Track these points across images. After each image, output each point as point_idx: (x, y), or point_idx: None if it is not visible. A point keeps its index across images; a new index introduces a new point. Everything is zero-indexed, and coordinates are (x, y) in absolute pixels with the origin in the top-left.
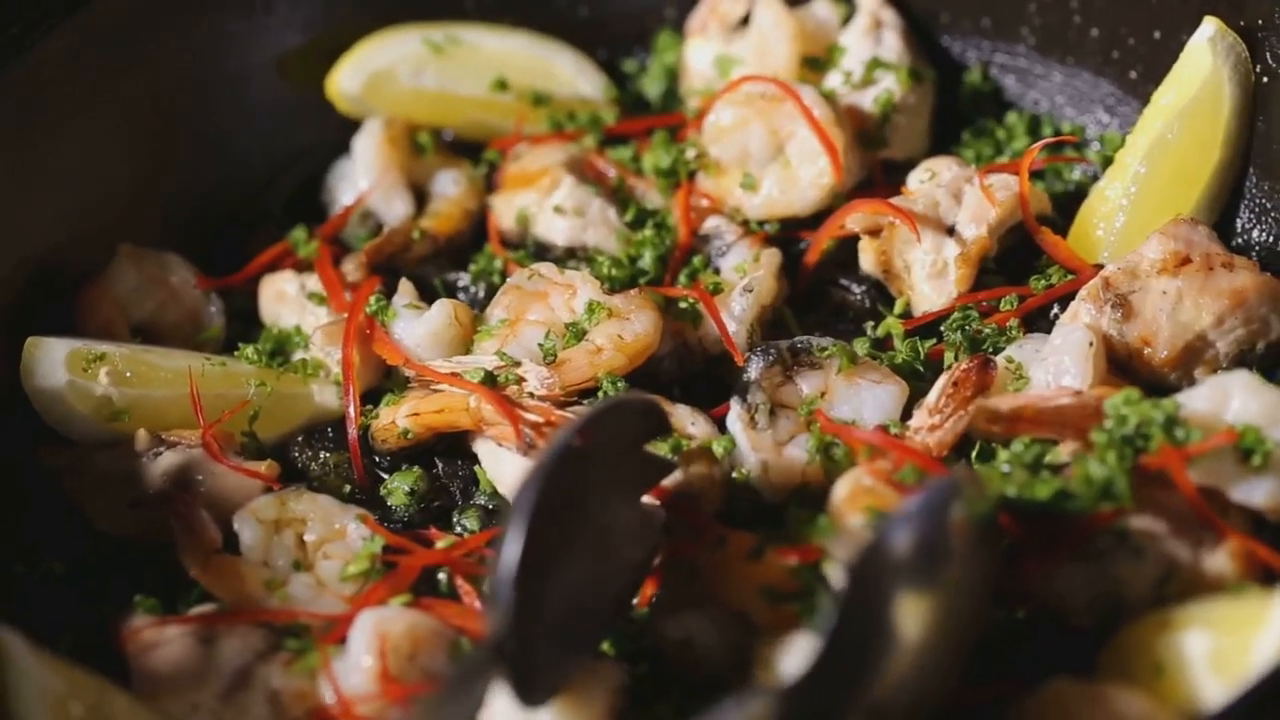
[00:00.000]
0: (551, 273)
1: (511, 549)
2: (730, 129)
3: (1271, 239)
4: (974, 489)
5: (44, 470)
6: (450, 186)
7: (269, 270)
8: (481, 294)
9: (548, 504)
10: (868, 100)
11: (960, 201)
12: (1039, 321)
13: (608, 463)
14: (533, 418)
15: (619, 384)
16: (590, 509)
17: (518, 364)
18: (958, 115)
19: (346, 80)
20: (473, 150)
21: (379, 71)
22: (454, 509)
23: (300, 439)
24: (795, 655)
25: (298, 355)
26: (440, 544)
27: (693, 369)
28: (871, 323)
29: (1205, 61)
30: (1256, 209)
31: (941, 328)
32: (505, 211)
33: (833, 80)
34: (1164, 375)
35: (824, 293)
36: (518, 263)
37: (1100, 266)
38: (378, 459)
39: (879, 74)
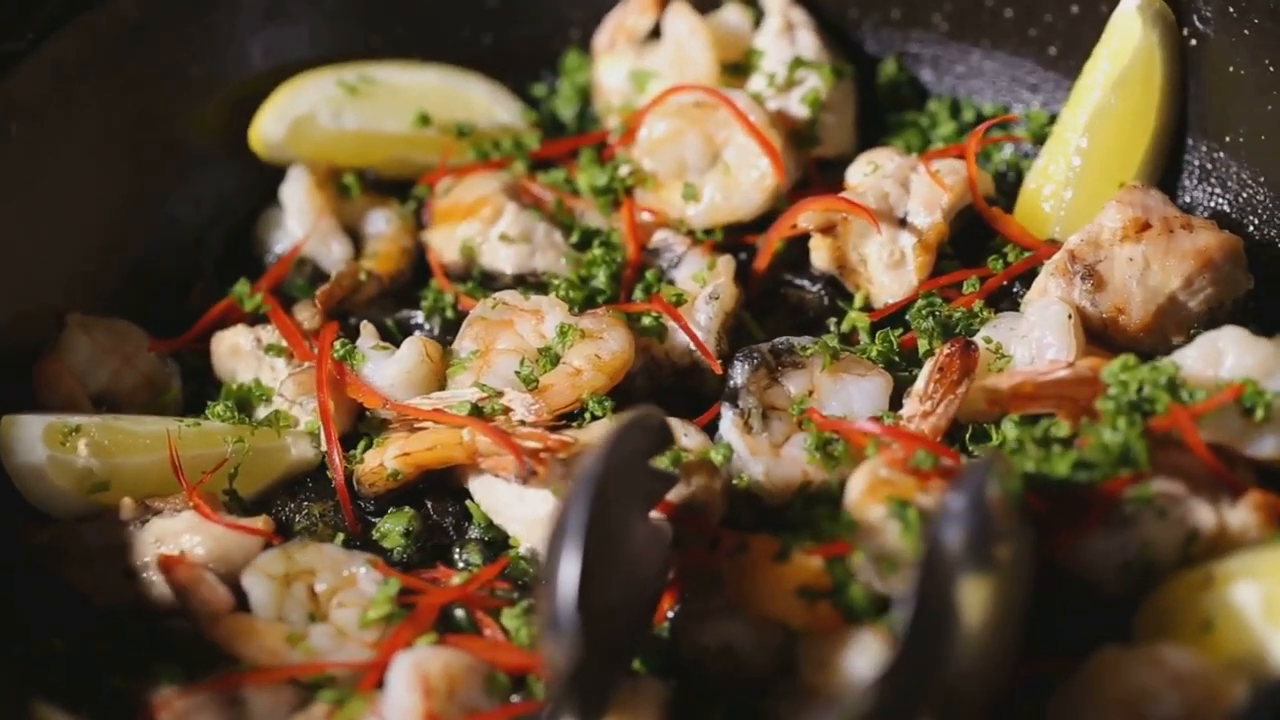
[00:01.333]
0: (516, 300)
1: (569, 573)
2: (665, 141)
3: (1215, 201)
4: (1004, 467)
5: (27, 549)
6: (383, 226)
7: (217, 327)
8: (437, 330)
9: (592, 524)
10: (794, 101)
11: (909, 190)
12: (1001, 301)
13: (624, 480)
14: (531, 444)
15: (605, 403)
16: (614, 528)
17: (500, 394)
18: (878, 108)
19: (269, 128)
20: (396, 188)
21: (300, 117)
22: (453, 545)
23: (281, 493)
24: (860, 650)
25: (261, 409)
26: (455, 579)
27: (663, 383)
28: (833, 319)
29: (1135, 29)
30: (1198, 172)
31: (907, 316)
32: (447, 245)
33: (757, 84)
34: (1139, 341)
35: (779, 295)
36: (469, 295)
37: (1054, 242)
38: (362, 504)
39: (802, 73)
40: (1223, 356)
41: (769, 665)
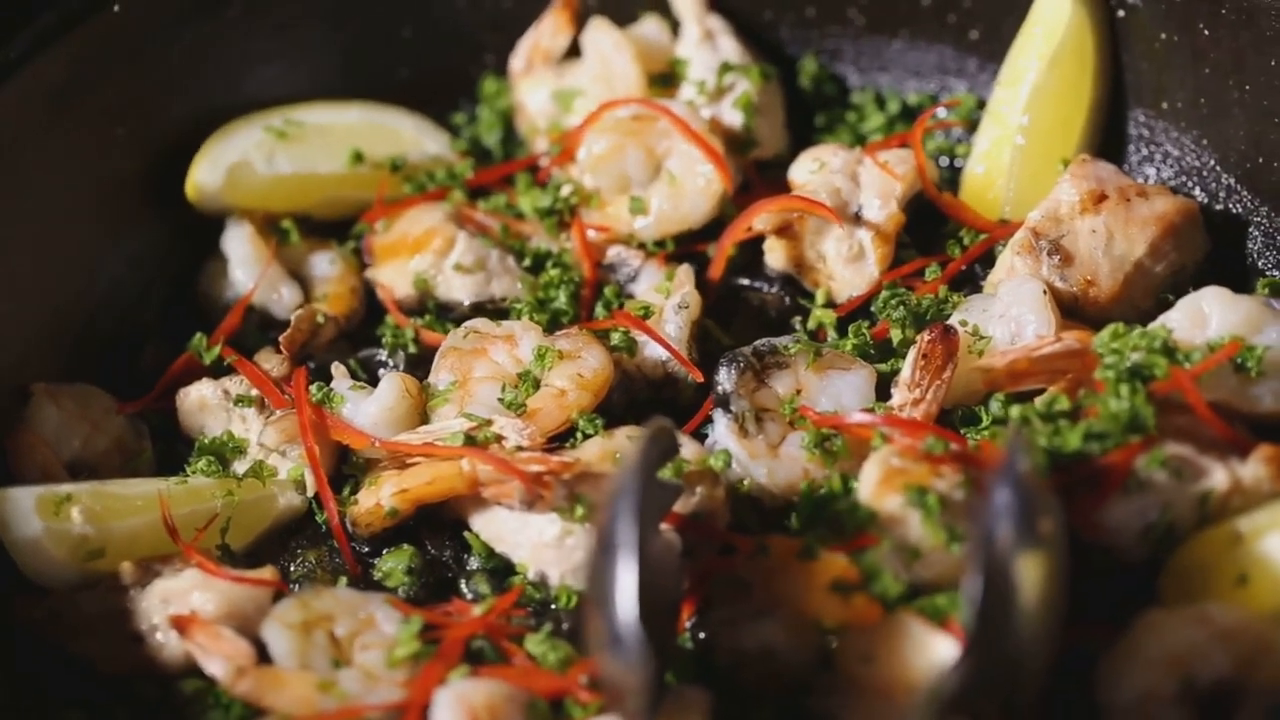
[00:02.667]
0: (488, 327)
1: (627, 588)
2: (606, 157)
3: (1159, 170)
4: (1028, 441)
5: (25, 624)
6: (328, 268)
7: (178, 384)
8: (402, 365)
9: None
10: (727, 106)
11: (859, 183)
12: (964, 286)
13: (647, 493)
14: (534, 468)
15: (596, 421)
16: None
17: (489, 422)
18: (803, 107)
19: (205, 178)
20: (330, 230)
21: (235, 164)
22: (458, 578)
23: (271, 543)
24: (907, 638)
25: (237, 461)
26: (476, 610)
27: (638, 397)
28: (798, 318)
29: (1064, 6)
30: (1140, 143)
31: (872, 309)
32: (398, 280)
33: (687, 93)
34: (1109, 312)
35: (739, 299)
36: (428, 328)
37: (1006, 222)
38: (355, 545)
39: (731, 78)
40: (1207, 317)
41: (808, 664)
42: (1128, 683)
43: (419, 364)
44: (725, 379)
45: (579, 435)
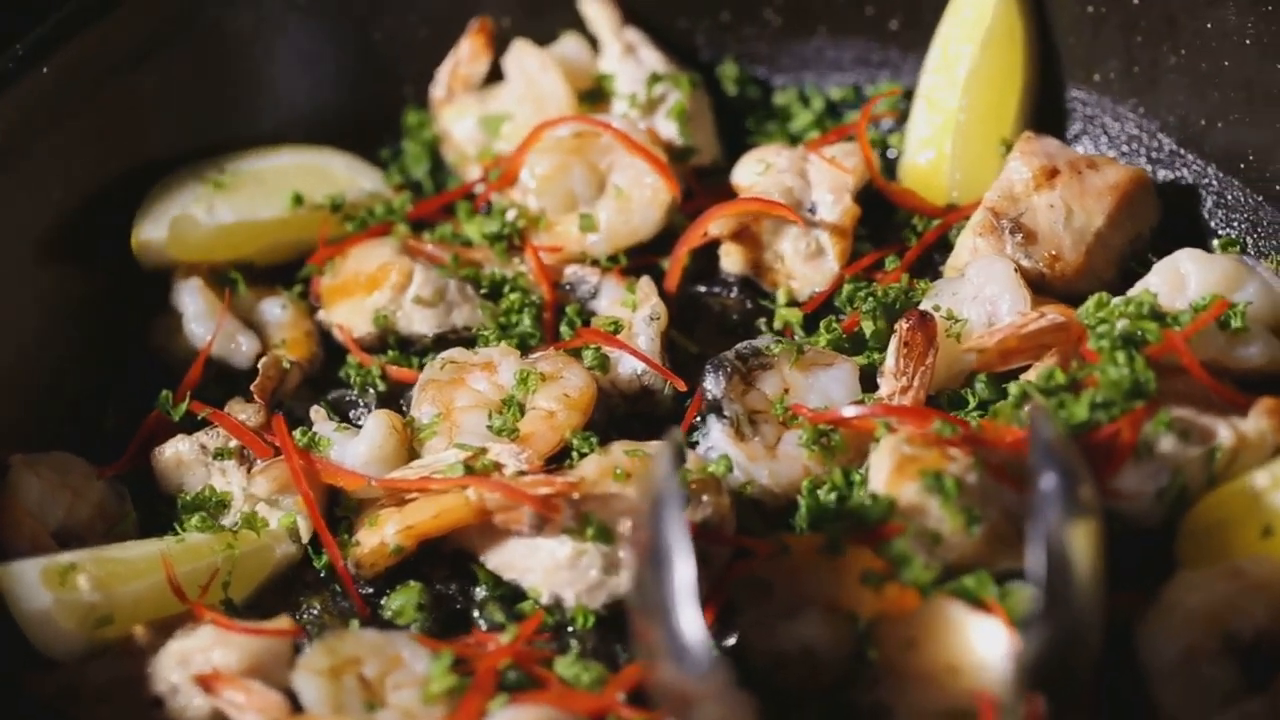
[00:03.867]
0: (465, 356)
1: (688, 595)
2: (551, 177)
3: (1099, 142)
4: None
5: (37, 700)
6: (279, 313)
7: (149, 443)
8: (374, 404)
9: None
10: (661, 117)
11: (808, 180)
12: (924, 273)
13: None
14: (542, 490)
15: (591, 439)
16: None
17: (484, 450)
18: (727, 112)
19: (149, 234)
20: (271, 276)
21: (178, 218)
22: (469, 609)
23: (271, 593)
24: (951, 621)
25: (222, 515)
26: (504, 638)
27: (615, 412)
28: (762, 320)
29: None
30: (1077, 117)
31: (836, 303)
32: (356, 319)
33: (619, 108)
34: (1074, 285)
35: (698, 306)
36: (393, 364)
37: (954, 206)
38: (358, 587)
39: (661, 89)
40: (1185, 279)
41: (846, 658)
42: (1169, 644)
43: (389, 401)
44: (714, 385)
45: (574, 455)
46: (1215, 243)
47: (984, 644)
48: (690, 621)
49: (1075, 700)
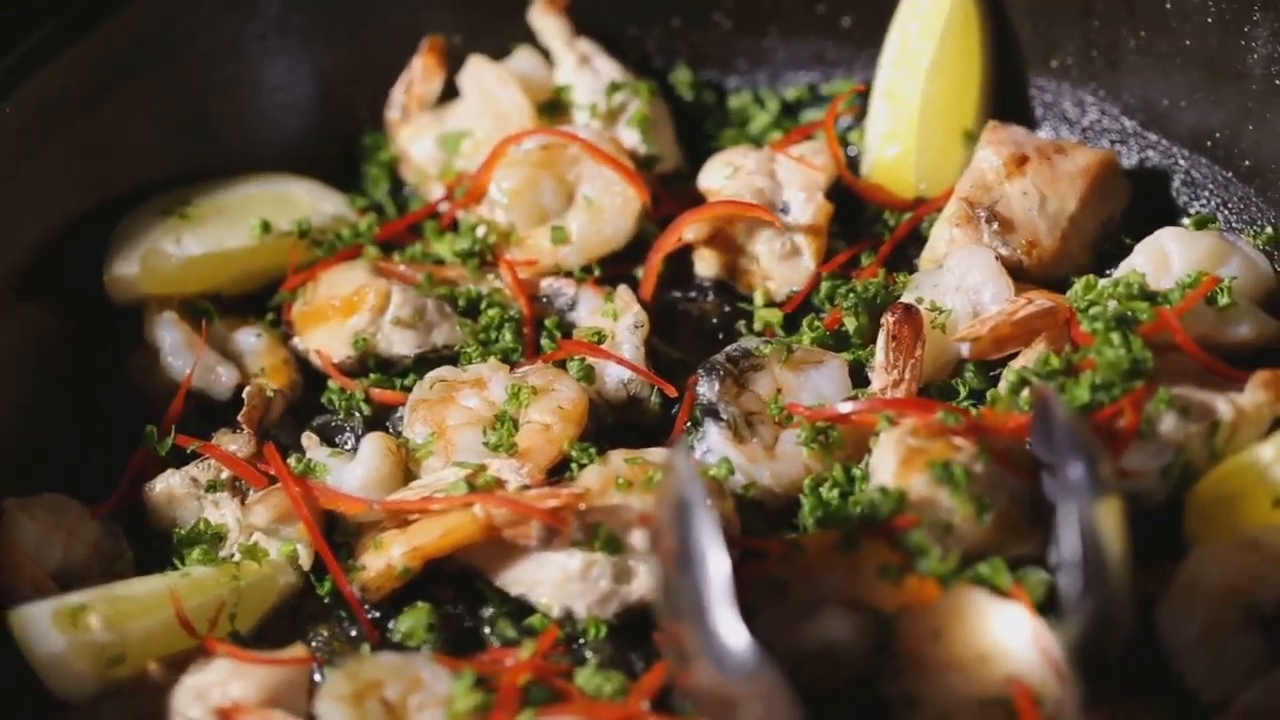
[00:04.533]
0: (454, 374)
1: (725, 592)
2: (520, 191)
3: (1060, 128)
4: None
5: None
6: (254, 342)
7: (139, 481)
8: (361, 429)
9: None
10: (623, 126)
11: (778, 180)
12: (899, 267)
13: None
14: (550, 503)
15: (589, 450)
16: None
17: (484, 467)
18: (684, 117)
19: (122, 270)
20: (238, 306)
21: (149, 252)
22: (478, 626)
23: (276, 623)
24: (978, 608)
25: (219, 548)
26: (523, 653)
27: (604, 422)
28: (742, 322)
29: None
30: (1037, 105)
31: (814, 301)
32: (333, 343)
33: (581, 118)
34: (1051, 270)
35: (675, 313)
36: (376, 386)
37: (922, 199)
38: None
39: (620, 98)
40: (1169, 257)
41: (869, 653)
42: (1191, 620)
43: (375, 424)
44: (708, 389)
45: (574, 466)
46: (1186, 221)
47: (1011, 630)
48: (729, 622)
49: (1109, 679)
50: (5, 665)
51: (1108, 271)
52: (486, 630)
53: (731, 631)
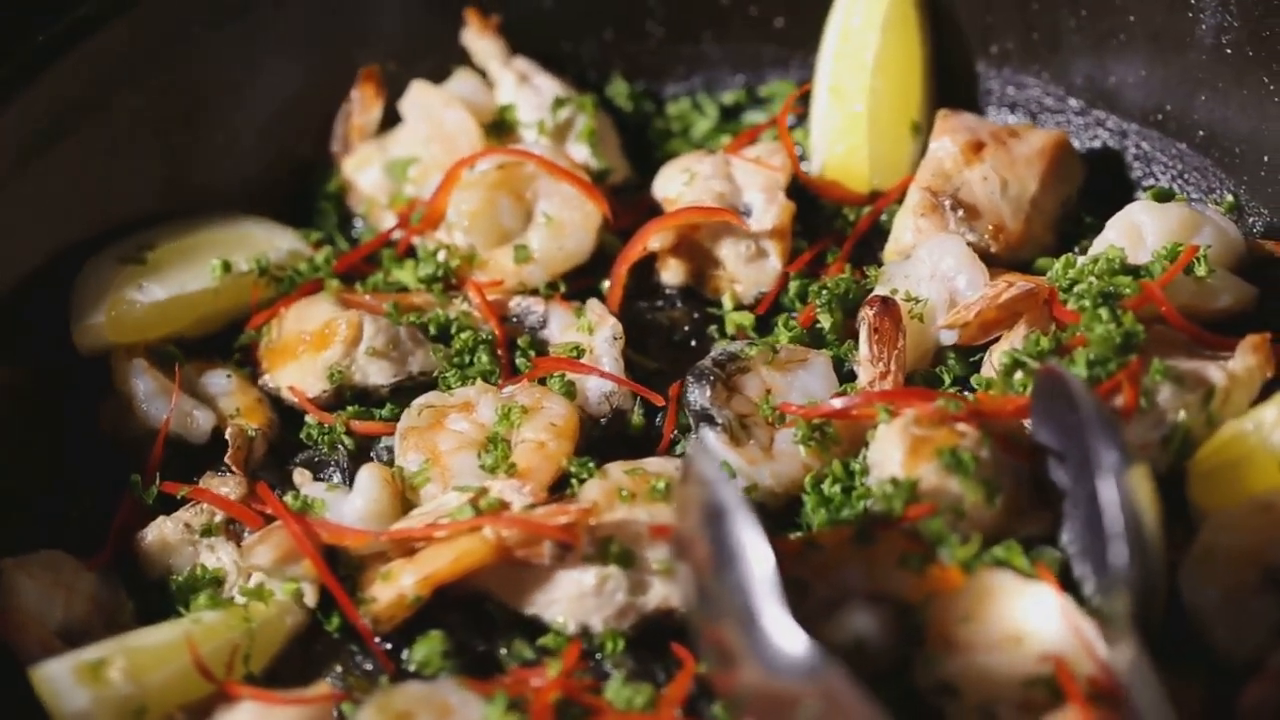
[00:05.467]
0: (441, 399)
1: (774, 590)
2: (479, 213)
3: (1005, 114)
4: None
5: None
6: (225, 383)
7: (129, 532)
8: (346, 462)
9: None
10: (572, 141)
11: (737, 183)
12: (866, 260)
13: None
14: (562, 520)
15: (589, 464)
16: None
17: (485, 490)
18: (626, 129)
19: (88, 318)
20: (199, 349)
21: (114, 301)
22: (492, 649)
23: (287, 663)
24: (1009, 589)
25: (217, 592)
26: (550, 671)
27: (589, 435)
28: (713, 327)
29: None
30: (984, 91)
31: (784, 301)
32: (306, 378)
33: (529, 136)
34: (1017, 253)
35: (644, 323)
36: (356, 418)
37: (878, 192)
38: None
39: (566, 113)
40: (1142, 230)
41: (895, 644)
42: (1213, 585)
43: (361, 455)
44: (699, 395)
45: (574, 482)
46: (1144, 195)
47: (1041, 608)
48: (781, 620)
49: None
50: None
51: (1076, 250)
52: (503, 652)
53: (785, 630)
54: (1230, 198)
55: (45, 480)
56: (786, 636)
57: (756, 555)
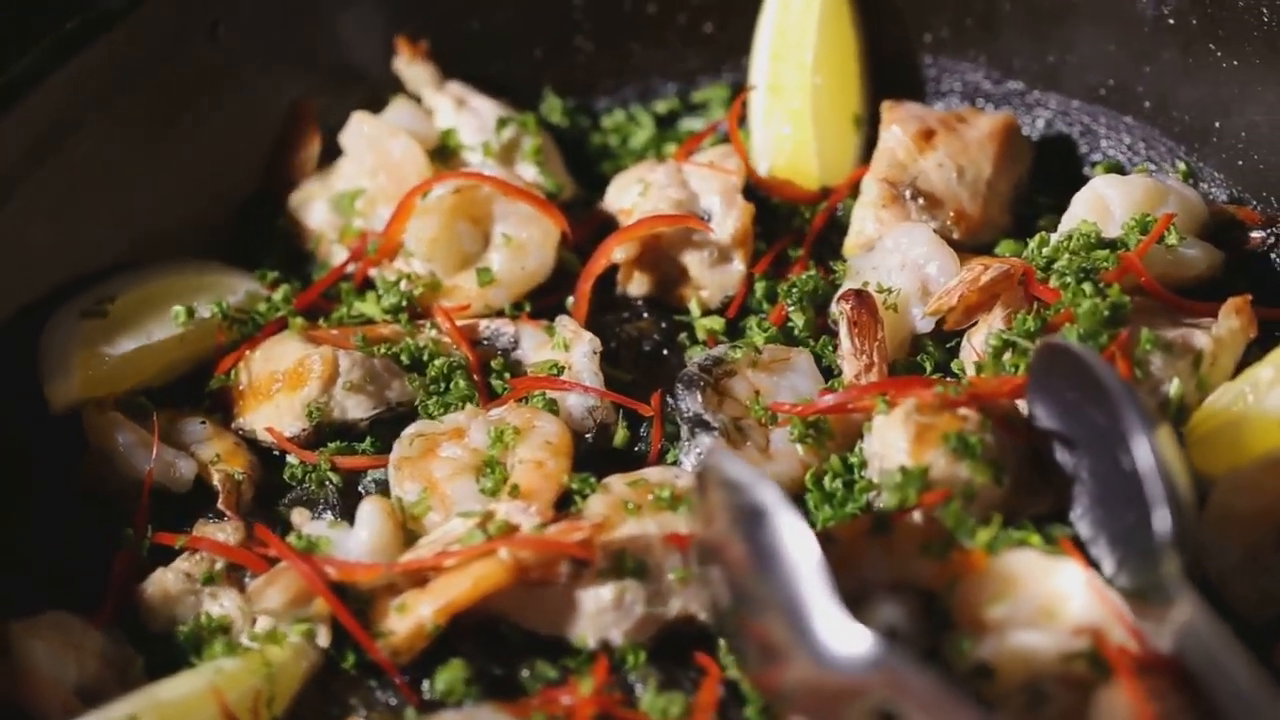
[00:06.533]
0: (431, 427)
1: (826, 583)
2: (438, 240)
3: (947, 100)
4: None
5: None
6: (199, 429)
7: (128, 583)
8: (335, 499)
9: None
10: (519, 161)
11: (693, 189)
12: (826, 255)
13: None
14: (577, 536)
15: (590, 480)
16: None
17: (491, 513)
18: (564, 145)
19: (58, 376)
20: (163, 397)
21: (83, 357)
22: (512, 672)
23: (309, 702)
24: (1039, 565)
25: (223, 639)
26: (584, 687)
27: (578, 451)
28: (683, 334)
29: None
30: (922, 80)
31: (750, 303)
32: (282, 418)
33: (473, 159)
34: (979, 236)
35: (612, 335)
36: (339, 454)
37: (829, 188)
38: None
39: (510, 133)
40: (1109, 204)
41: (924, 632)
42: (1231, 546)
43: (349, 491)
44: (692, 402)
45: (577, 499)
46: (1094, 170)
47: (1070, 582)
48: (836, 613)
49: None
50: None
51: (1041, 226)
52: (524, 674)
53: (842, 623)
54: (1183, 165)
55: (30, 542)
56: (844, 629)
57: (804, 551)
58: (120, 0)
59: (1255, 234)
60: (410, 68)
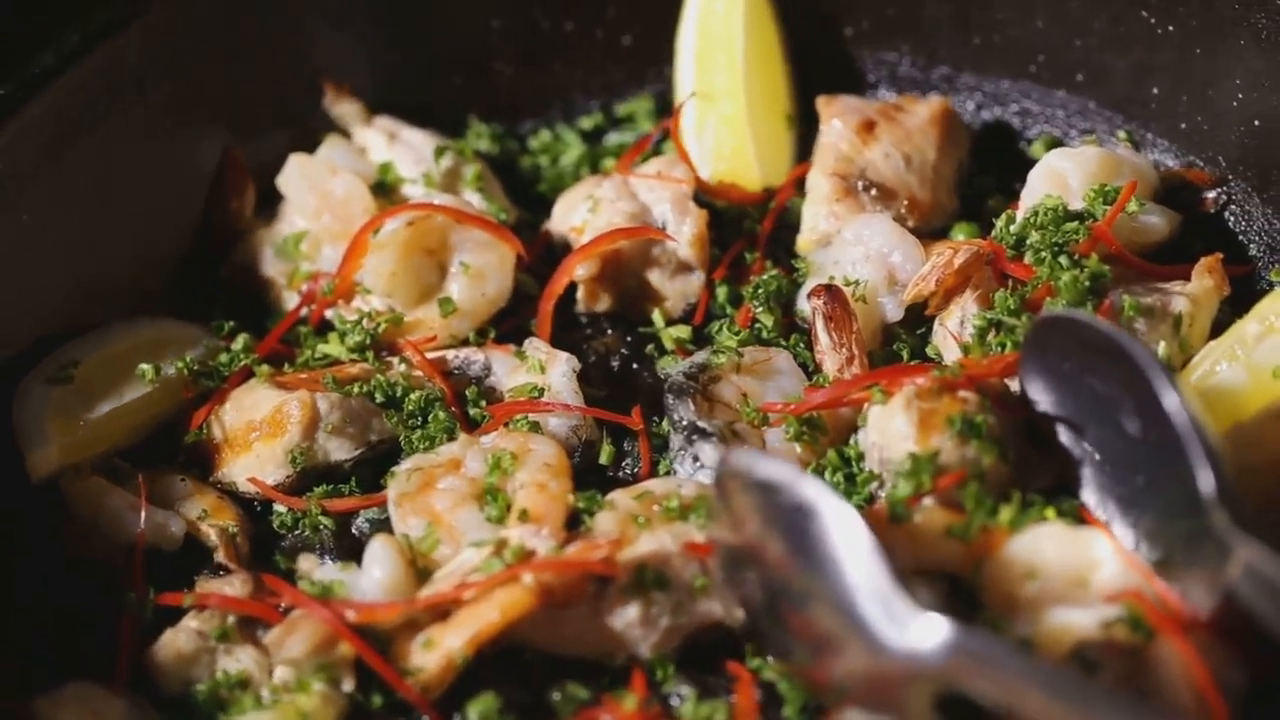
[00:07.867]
0: (427, 460)
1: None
2: (396, 273)
3: (882, 92)
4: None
5: None
6: (181, 486)
7: (139, 647)
8: (330, 543)
9: None
10: (463, 189)
11: (642, 201)
12: (780, 255)
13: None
14: (599, 554)
15: (596, 496)
16: None
17: (504, 540)
18: (496, 169)
19: (36, 447)
20: (138, 457)
21: (60, 424)
22: (543, 697)
23: None
24: (1065, 538)
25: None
26: (628, 706)
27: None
28: (650, 345)
29: None
30: (851, 75)
31: (713, 309)
32: (264, 468)
33: (415, 191)
34: (931, 221)
35: (577, 352)
36: (326, 498)
37: (772, 189)
38: None
39: (448, 162)
40: (1066, 177)
41: (958, 616)
42: (1247, 499)
43: (344, 533)
44: (685, 410)
45: (585, 517)
46: (1032, 146)
47: (1098, 550)
48: (899, 600)
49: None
50: None
51: (993, 207)
52: (555, 698)
53: (907, 609)
54: (1123, 133)
55: (31, 613)
56: (915, 616)
57: (860, 541)
58: (50, 61)
59: (1208, 194)
60: (337, 106)
